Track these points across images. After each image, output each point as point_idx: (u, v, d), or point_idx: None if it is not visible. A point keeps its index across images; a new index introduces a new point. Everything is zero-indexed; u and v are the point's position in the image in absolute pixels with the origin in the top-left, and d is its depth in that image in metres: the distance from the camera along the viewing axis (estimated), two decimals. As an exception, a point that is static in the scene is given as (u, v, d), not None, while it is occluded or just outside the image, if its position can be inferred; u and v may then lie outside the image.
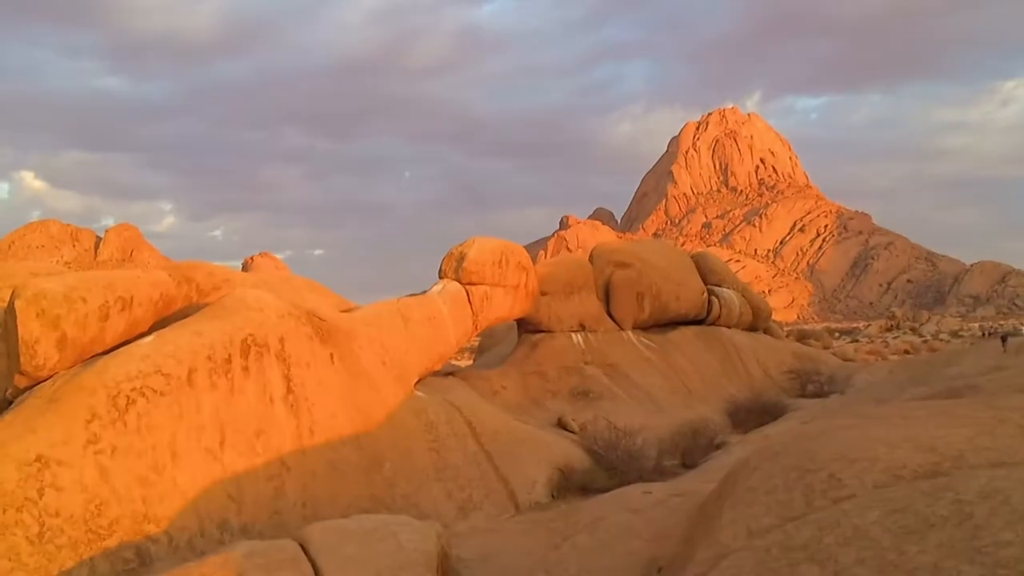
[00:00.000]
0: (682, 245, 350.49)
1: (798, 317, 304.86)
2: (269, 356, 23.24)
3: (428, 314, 31.30)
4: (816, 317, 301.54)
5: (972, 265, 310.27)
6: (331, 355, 25.47)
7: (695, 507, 18.60)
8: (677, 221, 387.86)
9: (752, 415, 40.07)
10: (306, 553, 17.50)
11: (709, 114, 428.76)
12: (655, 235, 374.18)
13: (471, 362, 59.04)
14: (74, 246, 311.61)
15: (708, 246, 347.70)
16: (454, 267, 34.27)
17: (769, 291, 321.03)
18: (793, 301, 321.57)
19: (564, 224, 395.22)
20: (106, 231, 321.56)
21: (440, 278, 34.65)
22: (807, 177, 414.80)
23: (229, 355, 22.09)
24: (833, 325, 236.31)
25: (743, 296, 55.72)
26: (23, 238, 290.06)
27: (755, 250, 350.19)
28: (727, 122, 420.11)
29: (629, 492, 23.33)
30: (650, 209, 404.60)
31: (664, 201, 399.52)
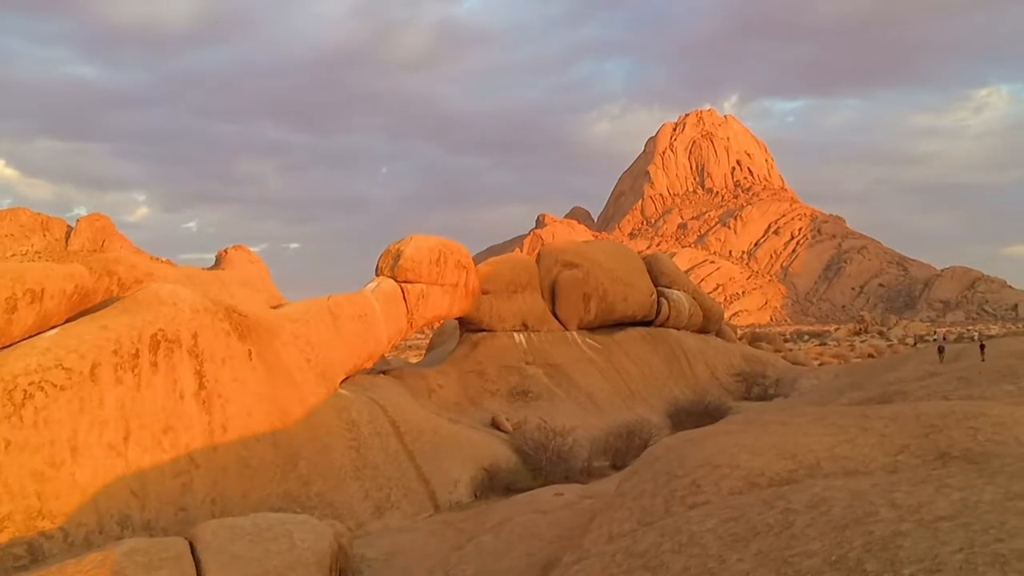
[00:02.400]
0: (657, 245, 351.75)
1: (771, 319, 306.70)
2: (180, 351, 23.04)
3: (359, 311, 31.17)
4: (789, 319, 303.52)
5: (943, 270, 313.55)
6: (249, 351, 25.29)
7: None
8: (653, 221, 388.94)
9: (693, 417, 40.20)
10: (194, 551, 17.40)
11: (686, 115, 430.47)
12: (631, 235, 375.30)
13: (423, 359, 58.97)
14: (44, 235, 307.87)
15: (683, 247, 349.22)
16: (390, 265, 34.16)
17: (743, 293, 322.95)
18: (766, 303, 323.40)
19: (540, 222, 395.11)
20: (77, 221, 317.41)
21: (376, 275, 34.52)
22: (783, 180, 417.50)
23: (137, 350, 21.88)
24: (804, 328, 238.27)
25: (694, 298, 55.95)
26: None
27: (730, 252, 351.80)
28: (704, 123, 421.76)
29: (541, 494, 23.36)
30: (626, 209, 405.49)
31: (640, 201, 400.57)
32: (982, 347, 41.27)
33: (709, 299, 61.11)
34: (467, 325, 40.77)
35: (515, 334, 41.22)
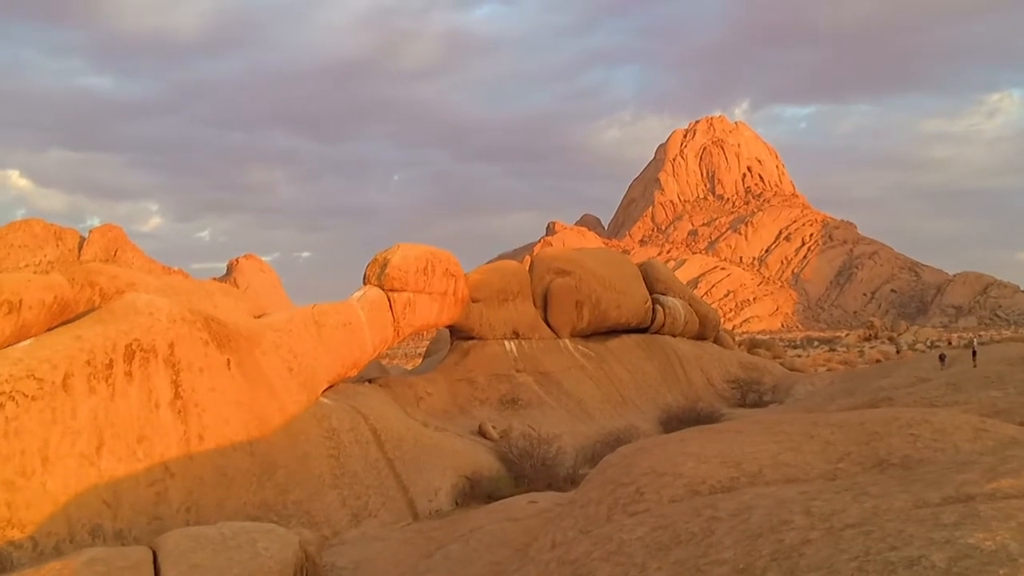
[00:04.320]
0: (668, 252, 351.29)
1: (782, 325, 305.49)
2: (156, 361, 23.19)
3: (344, 320, 31.28)
4: (800, 326, 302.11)
5: (955, 275, 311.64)
6: (228, 361, 25.42)
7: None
8: (663, 228, 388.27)
9: (684, 424, 40.04)
10: (156, 561, 17.50)
11: (697, 122, 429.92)
12: (641, 242, 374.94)
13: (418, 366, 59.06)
14: (57, 246, 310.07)
15: (694, 253, 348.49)
16: (377, 273, 34.28)
17: (754, 299, 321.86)
18: (777, 309, 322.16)
19: (551, 230, 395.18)
20: (90, 231, 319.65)
21: (364, 284, 34.65)
22: (793, 186, 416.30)
23: (111, 360, 22.03)
24: (814, 334, 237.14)
25: (690, 305, 55.82)
26: (5, 237, 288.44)
27: (740, 258, 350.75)
28: (714, 130, 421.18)
29: (515, 502, 23.37)
30: (637, 216, 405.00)
31: (651, 208, 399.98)
32: (974, 353, 41.07)
33: (706, 306, 60.97)
34: (457, 333, 40.82)
35: (506, 342, 41.24)
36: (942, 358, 44.51)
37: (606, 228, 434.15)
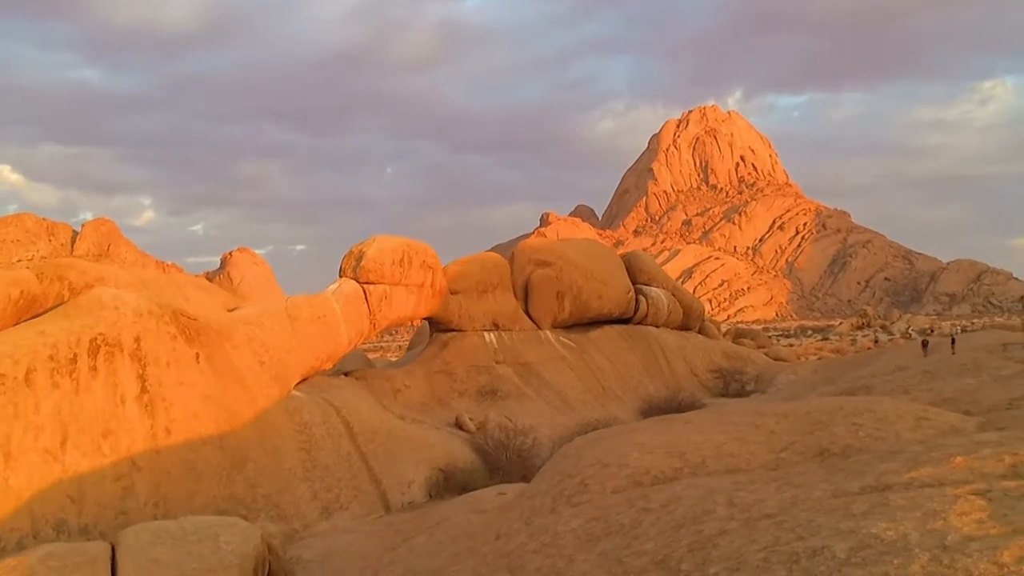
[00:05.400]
0: (662, 242, 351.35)
1: (776, 314, 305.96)
2: (122, 356, 23.11)
3: (318, 313, 31.22)
4: (795, 315, 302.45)
5: (948, 263, 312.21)
6: (197, 354, 25.35)
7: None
8: (657, 218, 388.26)
9: (665, 414, 40.14)
10: (115, 556, 17.47)
11: (690, 112, 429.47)
12: (635, 232, 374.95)
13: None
14: (50, 240, 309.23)
15: (688, 243, 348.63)
16: (352, 266, 34.20)
17: (748, 288, 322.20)
18: (772, 299, 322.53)
19: (545, 221, 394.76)
20: (83, 225, 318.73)
21: (340, 276, 34.57)
22: (787, 175, 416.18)
23: (75, 354, 21.96)
24: (808, 323, 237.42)
25: (674, 295, 55.83)
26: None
27: (734, 247, 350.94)
28: (707, 120, 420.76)
29: (483, 494, 23.38)
30: (630, 206, 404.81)
31: (644, 198, 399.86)
32: (952, 341, 41.18)
33: (690, 296, 60.97)
34: (436, 325, 40.78)
35: (485, 333, 41.20)
36: (924, 345, 44.62)
37: (600, 219, 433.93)
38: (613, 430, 17.14)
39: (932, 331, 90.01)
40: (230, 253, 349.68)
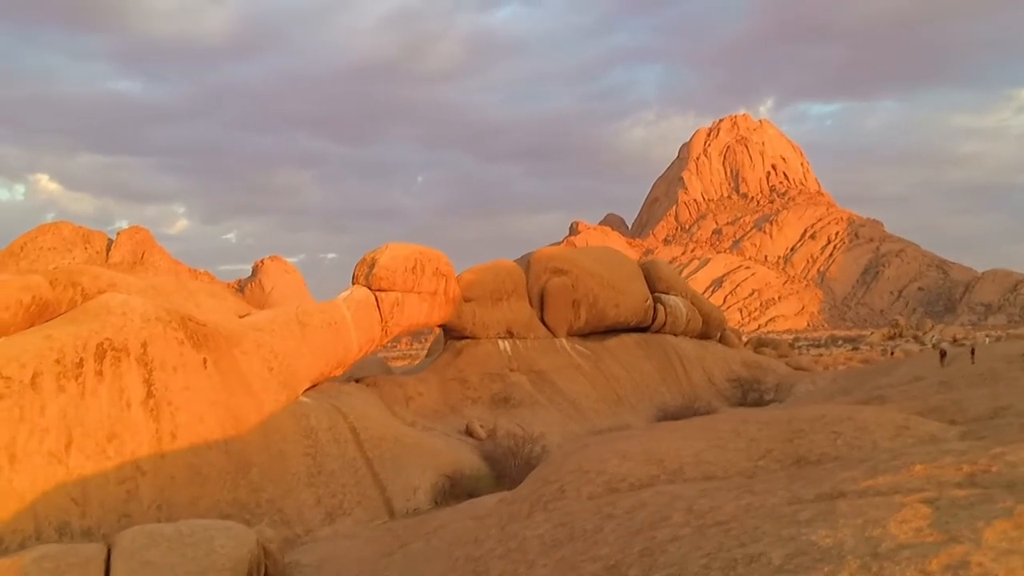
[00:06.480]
0: (692, 251, 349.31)
1: (808, 324, 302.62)
2: (128, 360, 23.43)
3: (329, 320, 31.44)
4: (826, 325, 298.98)
5: (984, 273, 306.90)
6: (204, 360, 25.64)
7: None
8: (687, 227, 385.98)
9: (679, 423, 39.96)
10: (110, 558, 17.70)
11: (720, 120, 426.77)
12: (665, 241, 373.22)
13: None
14: (86, 248, 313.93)
15: (718, 252, 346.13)
16: (365, 273, 34.42)
17: (779, 298, 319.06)
18: (803, 308, 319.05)
19: (574, 230, 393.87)
20: (118, 234, 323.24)
21: (352, 283, 34.80)
22: (818, 184, 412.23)
23: (81, 359, 22.30)
24: (839, 333, 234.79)
25: (693, 304, 55.49)
26: (35, 240, 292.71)
27: (765, 257, 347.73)
28: (738, 128, 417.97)
29: (484, 500, 23.38)
30: (660, 215, 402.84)
31: (675, 207, 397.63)
32: (972, 351, 40.54)
33: (709, 304, 60.57)
34: (450, 333, 40.89)
35: (500, 341, 41.23)
36: (943, 355, 43.95)
37: (630, 228, 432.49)
38: (603, 437, 17.07)
39: (956, 340, 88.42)
40: (262, 261, 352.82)
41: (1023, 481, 7.98)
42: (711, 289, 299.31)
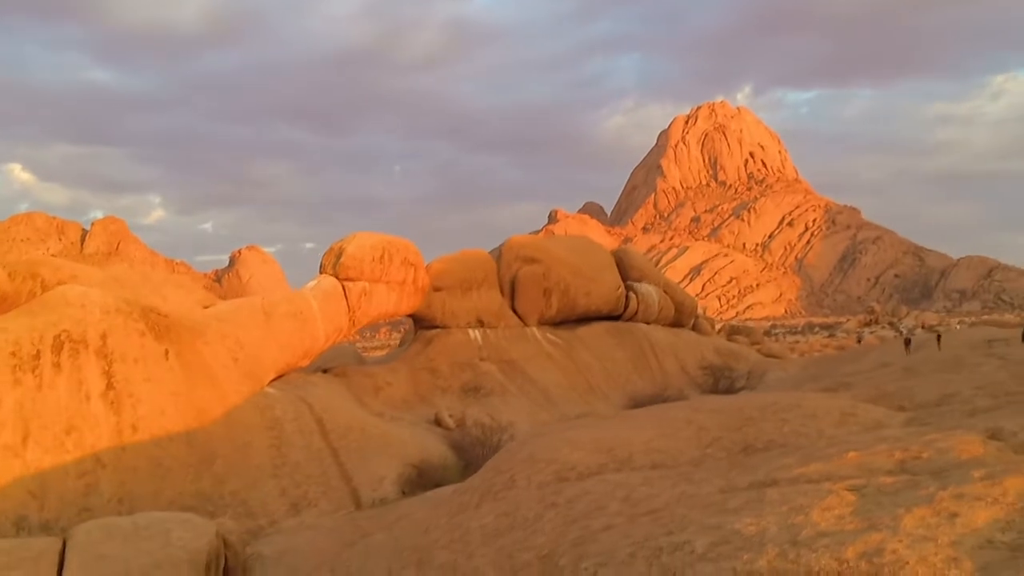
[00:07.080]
0: (671, 239, 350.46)
1: (786, 311, 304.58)
2: (87, 352, 23.17)
3: (294, 310, 31.24)
4: (804, 311, 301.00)
5: (959, 260, 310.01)
6: (166, 351, 25.40)
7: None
8: (666, 215, 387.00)
9: (650, 411, 40.06)
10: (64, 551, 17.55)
11: (698, 108, 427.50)
12: (644, 229, 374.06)
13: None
14: (60, 239, 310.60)
15: (697, 240, 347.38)
16: (332, 263, 34.22)
17: (757, 285, 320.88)
18: (781, 295, 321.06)
19: (553, 218, 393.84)
20: (92, 224, 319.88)
21: (320, 273, 34.59)
22: (796, 171, 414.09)
23: (38, 351, 22.04)
24: (816, 320, 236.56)
25: (666, 292, 55.60)
26: (8, 231, 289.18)
27: (743, 244, 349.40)
28: (716, 116, 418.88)
29: (446, 490, 23.33)
30: (639, 203, 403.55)
31: (653, 195, 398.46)
32: (939, 338, 40.95)
33: (682, 293, 60.75)
34: (420, 322, 40.78)
35: (470, 330, 41.16)
36: (907, 343, 44.38)
37: (609, 216, 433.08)
38: (558, 426, 17.05)
39: (925, 327, 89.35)
40: (239, 251, 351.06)
41: (952, 467, 8.02)
42: (690, 277, 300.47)
